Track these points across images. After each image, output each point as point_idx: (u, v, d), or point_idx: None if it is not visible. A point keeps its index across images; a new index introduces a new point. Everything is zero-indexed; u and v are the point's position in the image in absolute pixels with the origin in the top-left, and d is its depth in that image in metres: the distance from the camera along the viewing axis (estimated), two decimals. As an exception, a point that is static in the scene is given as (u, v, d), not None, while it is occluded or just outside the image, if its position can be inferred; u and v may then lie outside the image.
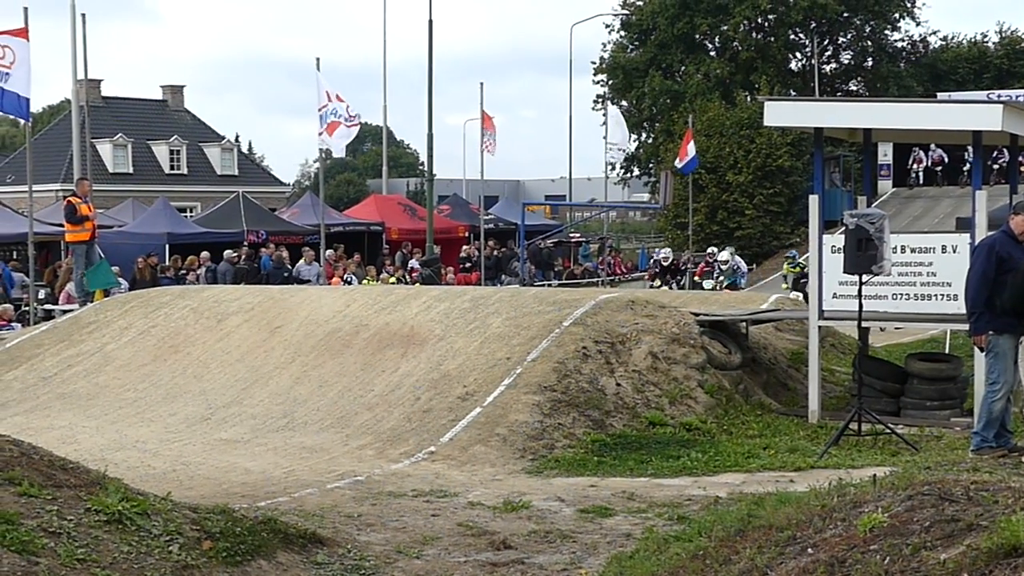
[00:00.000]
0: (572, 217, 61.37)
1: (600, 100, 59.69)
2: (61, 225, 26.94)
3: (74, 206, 21.21)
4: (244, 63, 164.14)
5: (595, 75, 59.93)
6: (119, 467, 10.66)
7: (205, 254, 30.24)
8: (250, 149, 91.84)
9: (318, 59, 26.90)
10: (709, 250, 37.19)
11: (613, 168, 61.29)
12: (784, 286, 33.46)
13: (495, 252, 40.33)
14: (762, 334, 17.79)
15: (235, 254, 30.65)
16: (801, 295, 30.48)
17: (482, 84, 55.06)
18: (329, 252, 31.18)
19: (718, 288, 31.71)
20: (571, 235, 48.21)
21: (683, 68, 58.03)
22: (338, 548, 8.78)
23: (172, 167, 63.72)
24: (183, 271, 28.92)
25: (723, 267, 32.79)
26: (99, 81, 61.13)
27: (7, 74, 20.28)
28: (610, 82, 59.23)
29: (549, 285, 34.83)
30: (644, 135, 60.29)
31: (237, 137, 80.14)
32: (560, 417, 13.55)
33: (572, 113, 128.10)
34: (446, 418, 13.69)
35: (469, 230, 44.18)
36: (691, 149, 39.51)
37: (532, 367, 14.35)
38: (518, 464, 12.57)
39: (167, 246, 32.76)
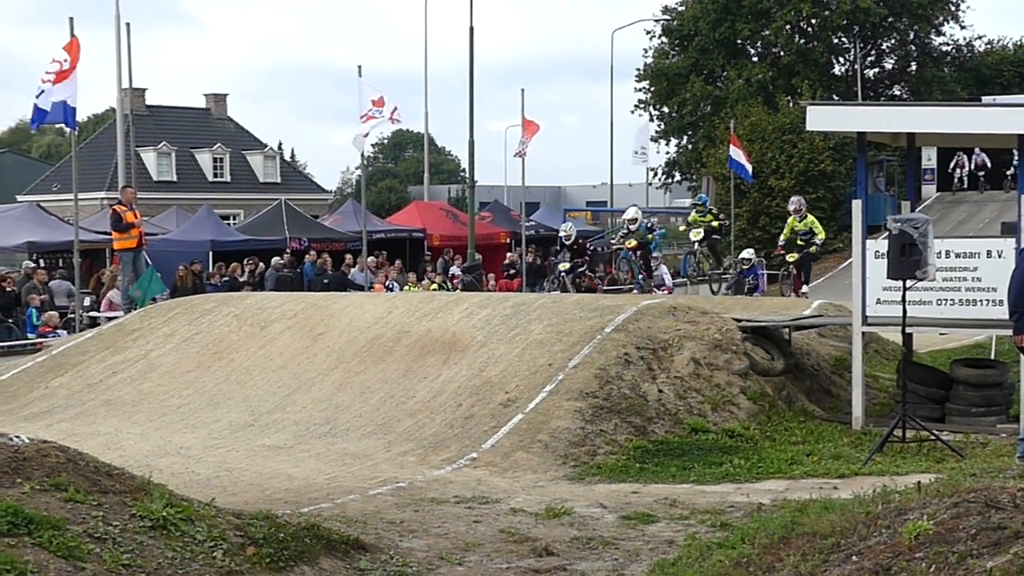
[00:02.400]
0: (614, 223, 61.26)
1: (642, 105, 59.54)
2: (106, 233, 27.20)
3: (119, 214, 21.41)
4: (286, 71, 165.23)
5: (638, 81, 59.83)
6: (163, 473, 10.74)
7: (248, 261, 30.40)
8: (292, 156, 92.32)
9: (360, 66, 26.98)
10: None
11: (655, 175, 61.16)
12: (695, 235, 28.22)
13: (536, 259, 40.32)
14: (805, 340, 17.70)
15: (283, 261, 30.83)
16: (708, 253, 28.13)
17: (523, 90, 54.97)
18: (370, 259, 31.27)
19: (630, 272, 27.19)
20: (612, 241, 48.09)
21: (725, 73, 57.80)
22: (380, 554, 8.80)
23: (215, 175, 64.14)
24: (233, 276, 28.99)
25: (632, 226, 26.37)
26: (143, 90, 61.64)
27: (52, 85, 20.48)
28: (652, 88, 59.08)
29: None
30: (685, 140, 60.09)
31: (280, 145, 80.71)
32: (602, 423, 13.54)
33: (613, 119, 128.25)
34: (488, 424, 13.70)
35: (510, 236, 44.18)
36: (736, 154, 39.46)
37: (574, 373, 14.34)
38: (560, 470, 12.56)
39: (210, 253, 32.96)
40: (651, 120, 59.25)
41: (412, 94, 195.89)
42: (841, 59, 59.21)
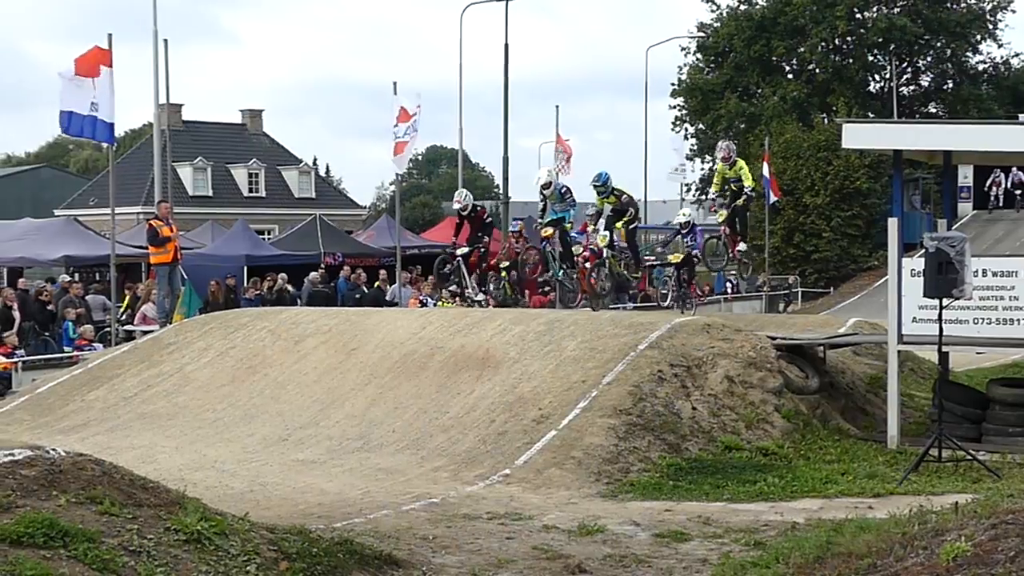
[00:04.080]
0: (647, 240, 61.17)
1: (678, 122, 59.52)
2: (142, 247, 27.41)
3: (155, 229, 21.58)
4: (322, 87, 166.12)
5: (672, 97, 59.82)
6: (197, 487, 10.77)
7: (283, 275, 30.52)
8: (327, 172, 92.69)
9: (395, 83, 27.07)
10: None
11: (688, 190, 61.05)
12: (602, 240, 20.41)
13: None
14: (840, 358, 17.61)
15: (318, 276, 30.93)
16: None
17: (558, 107, 55.12)
18: (404, 274, 31.32)
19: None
20: (646, 258, 48.02)
21: (759, 90, 57.71)
22: (413, 570, 8.79)
23: (251, 190, 64.44)
24: (269, 290, 29.05)
25: (545, 191, 20.01)
26: (180, 105, 62.00)
27: (94, 104, 20.64)
28: (687, 104, 59.03)
29: (624, 308, 34.73)
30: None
31: (314, 160, 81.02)
32: (635, 441, 13.50)
33: (647, 136, 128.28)
34: (521, 441, 13.69)
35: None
36: (766, 171, 39.37)
37: (607, 390, 14.31)
38: (593, 488, 12.53)
39: (245, 268, 33.11)
40: (685, 138, 59.19)
41: (446, 110, 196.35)
42: (877, 76, 59.03)
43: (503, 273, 21.35)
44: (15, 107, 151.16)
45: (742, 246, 17.06)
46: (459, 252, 21.21)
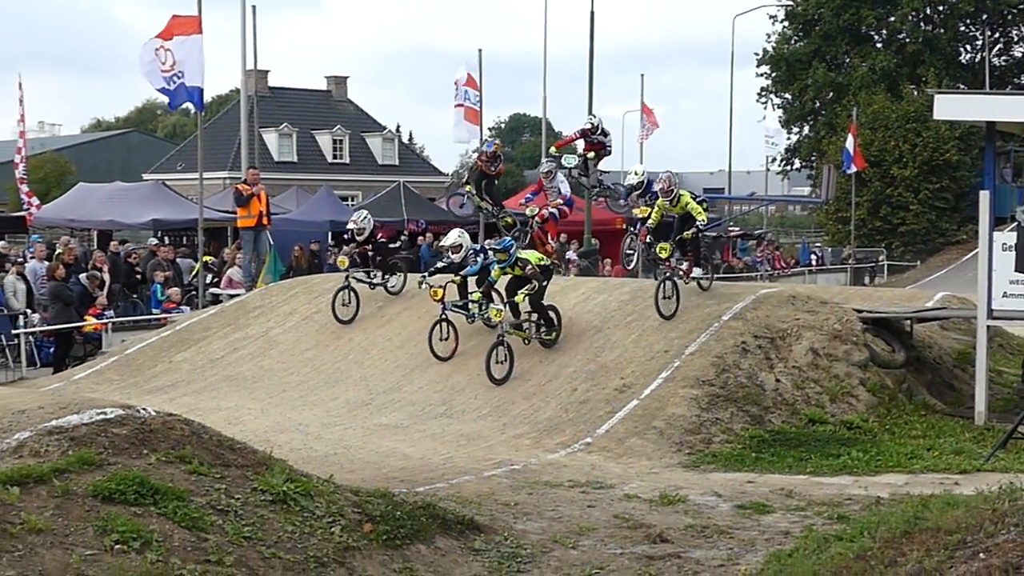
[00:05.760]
0: (731, 211, 60.70)
1: (763, 92, 58.84)
2: (228, 212, 27.70)
3: (241, 191, 21.85)
4: (406, 54, 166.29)
5: (758, 67, 59.10)
6: (282, 449, 10.91)
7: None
8: (410, 139, 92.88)
9: (480, 50, 27.09)
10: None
11: (774, 161, 60.39)
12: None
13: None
14: (927, 332, 17.35)
15: (399, 243, 31.06)
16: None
17: (643, 75, 54.55)
18: (488, 241, 31.31)
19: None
20: (730, 229, 47.67)
21: (848, 60, 56.83)
22: (495, 535, 8.85)
23: (335, 156, 64.78)
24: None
25: (453, 255, 16.63)
26: (266, 72, 62.46)
27: (179, 73, 20.87)
28: (773, 74, 58.33)
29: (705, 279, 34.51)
30: (806, 128, 59.23)
31: (398, 127, 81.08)
32: (718, 412, 13.45)
33: (732, 105, 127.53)
34: (603, 410, 13.69)
35: (627, 222, 43.97)
36: (849, 143, 38.91)
37: (690, 361, 14.26)
38: (674, 458, 12.51)
39: (329, 234, 33.31)
40: (772, 108, 58.51)
41: (531, 78, 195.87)
42: (968, 47, 57.86)
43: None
44: (105, 72, 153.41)
45: (696, 271, 14.84)
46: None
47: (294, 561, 7.19)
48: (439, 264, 17.00)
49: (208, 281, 23.73)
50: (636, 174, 17.02)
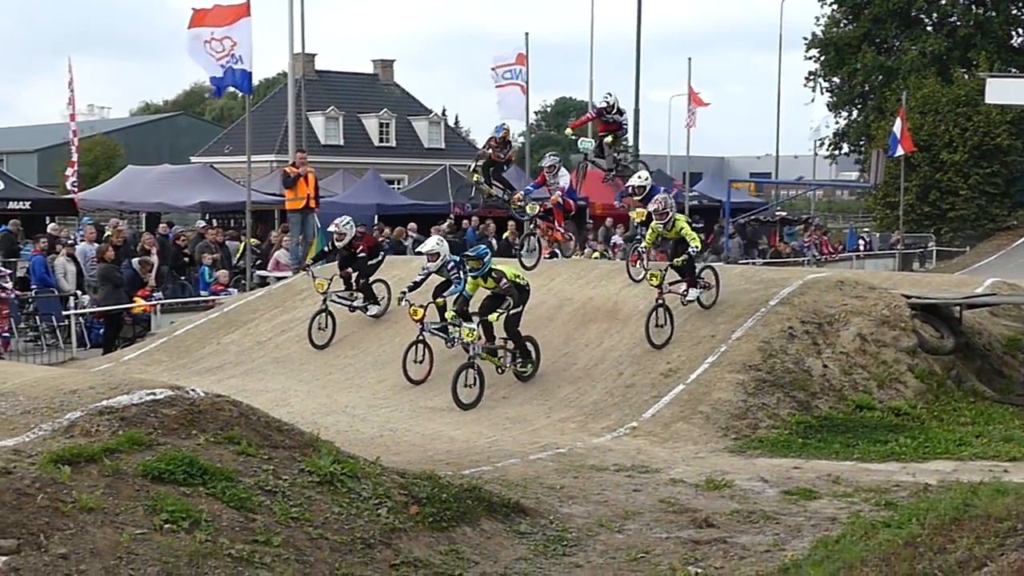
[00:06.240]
0: (777, 195, 60.32)
1: (812, 76, 58.38)
2: (275, 195, 27.83)
3: (288, 173, 21.97)
4: (452, 37, 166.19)
5: (807, 50, 58.64)
6: (329, 431, 10.96)
7: (412, 225, 30.76)
8: (456, 123, 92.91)
9: (527, 34, 27.05)
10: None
11: (821, 145, 59.96)
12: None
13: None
14: (976, 319, 17.19)
15: (446, 227, 31.10)
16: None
17: (690, 59, 54.31)
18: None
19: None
20: (777, 213, 47.42)
21: (897, 44, 56.30)
22: (540, 518, 8.86)
23: (381, 140, 64.91)
24: (398, 240, 29.30)
25: (430, 264, 15.89)
26: (313, 55, 62.61)
27: (235, 57, 20.97)
28: (821, 58, 57.88)
29: (754, 263, 34.38)
30: (855, 112, 58.75)
31: (444, 111, 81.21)
32: (764, 397, 13.39)
33: (780, 89, 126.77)
34: (648, 394, 13.67)
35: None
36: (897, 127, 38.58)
37: (737, 345, 14.21)
38: (720, 443, 12.47)
39: (375, 216, 33.42)
40: (820, 93, 58.02)
41: (577, 62, 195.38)
42: (1020, 31, 57.11)
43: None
44: (154, 56, 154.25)
45: (692, 293, 14.38)
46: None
47: (341, 542, 7.24)
48: (416, 278, 15.98)
49: (252, 264, 23.86)
50: (641, 178, 16.94)
